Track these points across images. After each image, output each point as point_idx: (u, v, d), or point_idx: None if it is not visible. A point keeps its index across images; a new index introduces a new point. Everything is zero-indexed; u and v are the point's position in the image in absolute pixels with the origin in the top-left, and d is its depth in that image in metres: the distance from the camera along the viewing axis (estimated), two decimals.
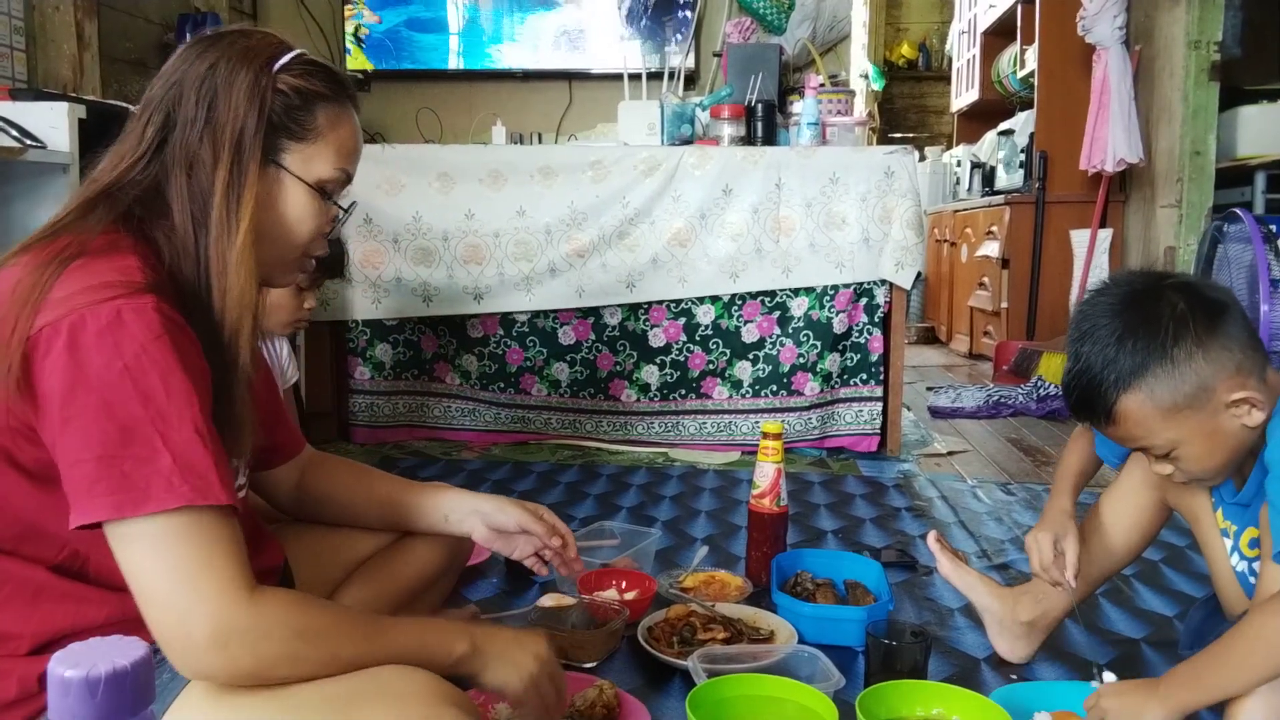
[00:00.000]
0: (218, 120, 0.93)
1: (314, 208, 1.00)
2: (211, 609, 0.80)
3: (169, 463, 0.80)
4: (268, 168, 0.96)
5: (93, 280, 0.82)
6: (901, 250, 2.66)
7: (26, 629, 0.88)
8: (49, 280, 0.82)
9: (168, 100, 0.95)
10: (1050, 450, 2.91)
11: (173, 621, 0.79)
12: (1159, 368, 1.09)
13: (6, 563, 0.89)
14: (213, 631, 0.79)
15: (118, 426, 0.79)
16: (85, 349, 0.80)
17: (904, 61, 7.63)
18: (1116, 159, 3.91)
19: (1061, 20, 4.23)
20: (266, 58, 0.96)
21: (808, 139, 2.77)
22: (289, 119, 0.96)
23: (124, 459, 0.79)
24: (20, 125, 2.20)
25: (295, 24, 4.41)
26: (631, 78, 2.97)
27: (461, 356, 2.89)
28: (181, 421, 0.81)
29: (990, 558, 1.99)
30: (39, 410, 0.82)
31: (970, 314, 5.07)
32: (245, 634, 0.80)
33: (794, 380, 2.81)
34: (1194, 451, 1.13)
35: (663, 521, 2.18)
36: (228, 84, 0.94)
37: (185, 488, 0.80)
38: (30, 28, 3.00)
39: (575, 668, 1.42)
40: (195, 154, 0.93)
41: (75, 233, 0.88)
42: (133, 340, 0.81)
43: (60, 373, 0.80)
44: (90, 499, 0.79)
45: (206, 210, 0.92)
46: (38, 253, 0.86)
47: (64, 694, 0.49)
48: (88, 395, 0.79)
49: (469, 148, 2.90)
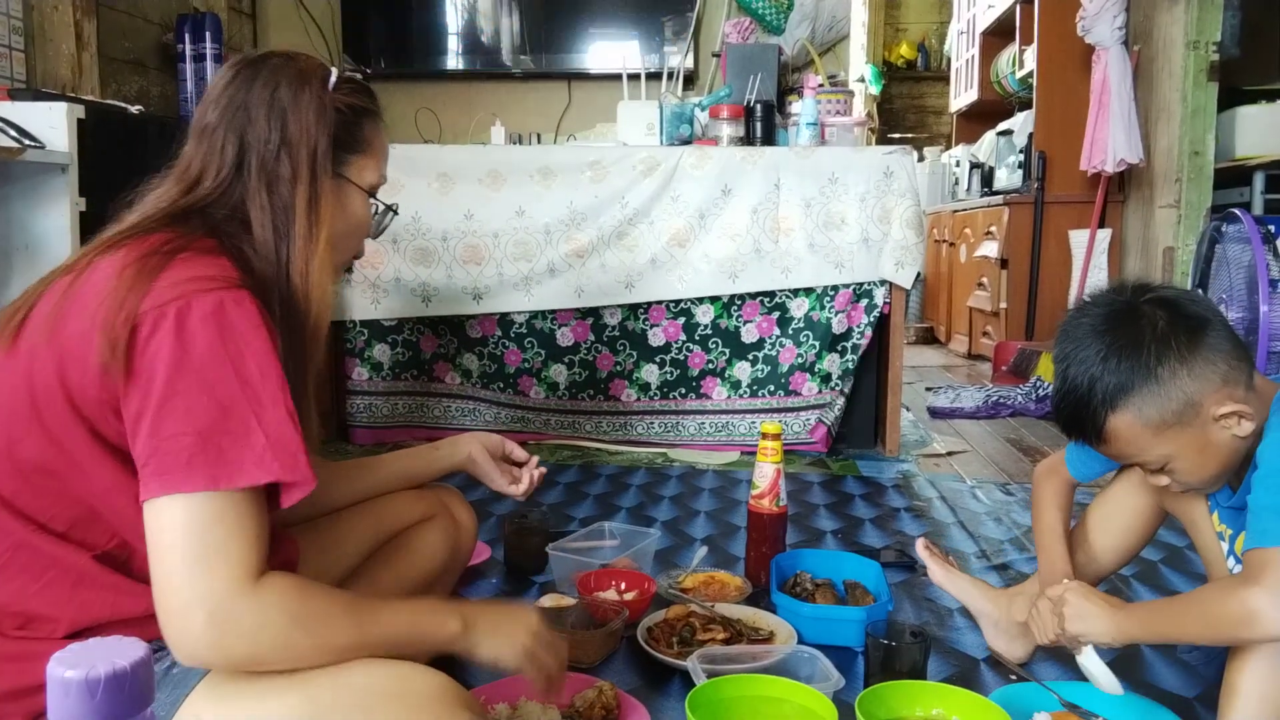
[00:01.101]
0: (291, 139, 1.02)
1: (368, 212, 1.11)
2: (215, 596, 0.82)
3: (263, 441, 0.85)
4: (336, 180, 1.05)
5: (196, 272, 0.89)
6: (902, 250, 2.66)
7: (65, 614, 0.90)
8: (156, 268, 0.88)
9: (237, 123, 1.02)
10: (1049, 450, 2.91)
11: (177, 605, 0.82)
12: (1145, 387, 1.10)
13: (56, 547, 0.90)
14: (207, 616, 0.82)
15: (217, 405, 0.85)
16: (190, 332, 0.85)
17: (903, 62, 7.64)
18: (1117, 159, 3.91)
19: (1060, 20, 4.23)
20: (320, 79, 1.05)
21: (807, 139, 2.77)
22: (346, 133, 1.06)
23: (222, 435, 0.84)
24: (19, 125, 2.20)
25: (294, 24, 4.41)
26: (630, 78, 2.97)
27: (461, 355, 2.89)
28: (275, 404, 0.87)
29: (989, 558, 1.99)
30: (132, 385, 0.85)
31: (969, 314, 5.07)
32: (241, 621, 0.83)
33: (792, 381, 2.81)
34: (1187, 465, 1.14)
35: (662, 522, 2.18)
36: (295, 105, 1.02)
37: (276, 465, 0.85)
38: (29, 28, 3.00)
39: (575, 668, 1.42)
40: (274, 171, 1.01)
41: (175, 233, 0.94)
42: (232, 327, 0.87)
43: (166, 352, 0.85)
44: (188, 471, 0.83)
45: (289, 221, 1.00)
46: (136, 245, 0.91)
47: (64, 694, 0.49)
48: (190, 374, 0.85)
49: (468, 148, 2.90)
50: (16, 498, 0.90)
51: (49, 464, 0.89)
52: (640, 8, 4.24)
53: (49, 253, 2.23)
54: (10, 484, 0.90)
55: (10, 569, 0.89)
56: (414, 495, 1.38)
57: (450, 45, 4.36)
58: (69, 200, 2.22)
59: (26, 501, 0.90)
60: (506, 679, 1.34)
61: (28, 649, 0.88)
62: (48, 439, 0.89)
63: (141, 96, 3.59)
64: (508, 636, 1.01)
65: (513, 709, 1.24)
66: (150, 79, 3.71)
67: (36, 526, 0.90)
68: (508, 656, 1.01)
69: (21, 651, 0.88)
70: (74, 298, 0.90)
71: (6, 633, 0.89)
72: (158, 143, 2.55)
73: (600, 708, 1.24)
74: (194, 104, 3.55)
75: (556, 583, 1.71)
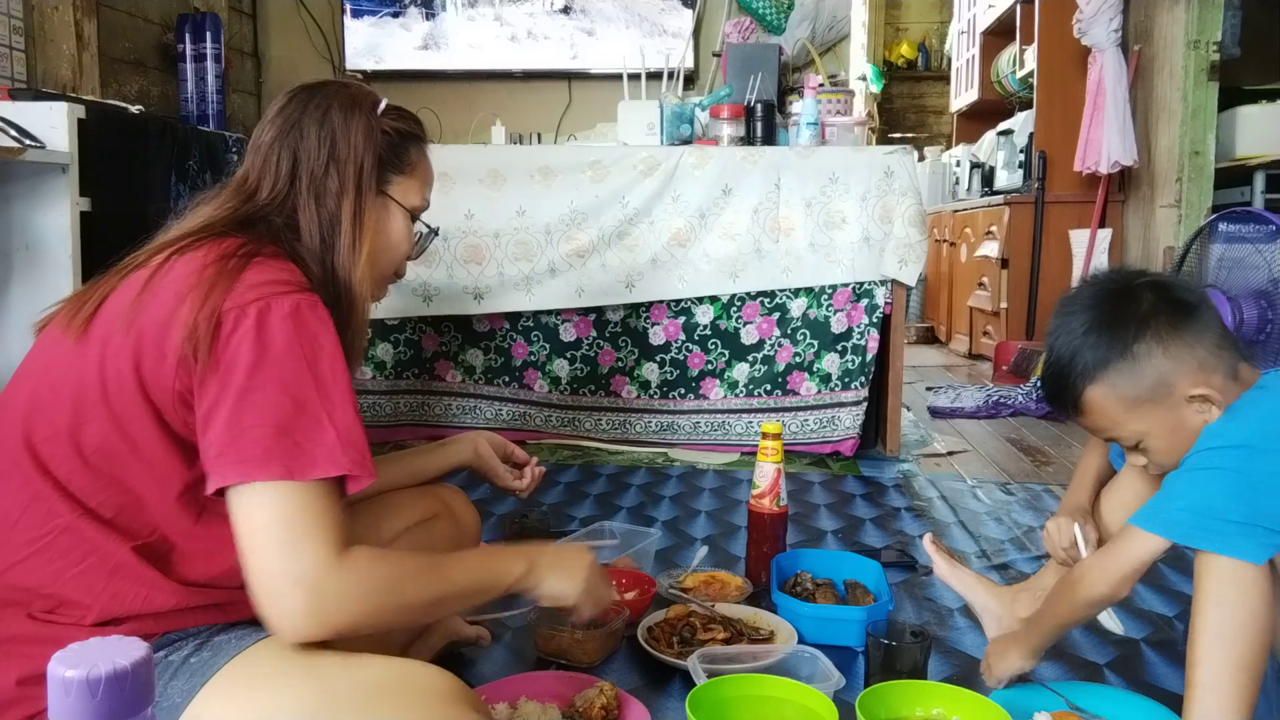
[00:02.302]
0: (340, 155, 1.09)
1: (409, 232, 1.18)
2: (310, 573, 0.88)
3: (334, 436, 0.91)
4: (379, 197, 1.13)
5: (273, 276, 0.95)
6: (905, 248, 2.66)
7: (97, 602, 0.91)
8: (236, 269, 0.94)
9: (291, 140, 1.09)
10: (1050, 450, 2.91)
11: (276, 585, 0.88)
12: (1120, 362, 1.13)
13: (100, 534, 0.92)
14: (309, 593, 0.88)
15: (293, 400, 0.91)
16: (271, 331, 0.91)
17: (903, 61, 7.63)
18: (1111, 161, 3.91)
19: (1060, 20, 4.23)
20: (371, 104, 1.13)
21: (807, 139, 2.77)
22: (392, 154, 1.14)
23: (297, 429, 0.90)
24: (19, 125, 2.20)
25: (295, 24, 4.41)
26: (631, 78, 2.97)
27: (466, 352, 2.90)
28: (344, 402, 0.94)
29: (990, 558, 1.99)
30: (211, 377, 0.90)
31: (970, 314, 5.07)
32: (341, 592, 0.90)
33: (790, 380, 2.81)
34: (1160, 445, 1.16)
35: (662, 521, 2.18)
36: (344, 125, 1.10)
37: (345, 459, 0.91)
38: (30, 28, 3.00)
39: (575, 668, 1.42)
40: (322, 184, 1.08)
41: (246, 238, 1.00)
42: (307, 328, 0.94)
43: (247, 348, 0.90)
44: (265, 461, 0.88)
45: (335, 233, 1.07)
46: (212, 246, 0.97)
47: (64, 694, 0.49)
48: (270, 371, 0.90)
49: (469, 148, 2.90)
50: (71, 480, 0.92)
51: (110, 448, 0.93)
52: (640, 7, 4.24)
53: (49, 253, 2.23)
54: (68, 465, 0.93)
55: (51, 551, 0.91)
56: (417, 494, 1.38)
57: (450, 45, 4.36)
58: (69, 200, 2.22)
59: (80, 484, 0.92)
60: (506, 679, 1.35)
61: (54, 634, 0.89)
62: (114, 424, 0.93)
63: (142, 96, 3.59)
64: (568, 571, 1.12)
65: (512, 709, 1.24)
66: (150, 79, 3.71)
67: (85, 511, 0.92)
68: (570, 590, 1.11)
69: (48, 635, 0.89)
70: (154, 292, 0.94)
71: (35, 615, 0.91)
72: (158, 143, 2.55)
73: (601, 707, 1.24)
74: (194, 104, 3.56)
75: None
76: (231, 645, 0.93)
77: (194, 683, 0.90)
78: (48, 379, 0.96)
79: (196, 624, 0.95)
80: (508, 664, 1.47)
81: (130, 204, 2.42)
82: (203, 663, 0.91)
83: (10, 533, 0.92)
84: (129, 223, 2.39)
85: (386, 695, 0.90)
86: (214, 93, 3.58)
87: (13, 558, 0.91)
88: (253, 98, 4.45)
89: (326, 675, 0.91)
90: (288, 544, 0.88)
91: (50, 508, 0.92)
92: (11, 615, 0.90)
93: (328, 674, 0.91)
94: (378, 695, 0.89)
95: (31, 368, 0.99)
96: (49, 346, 0.98)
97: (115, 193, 2.36)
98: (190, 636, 0.94)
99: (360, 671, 0.92)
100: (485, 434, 1.53)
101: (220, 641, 0.94)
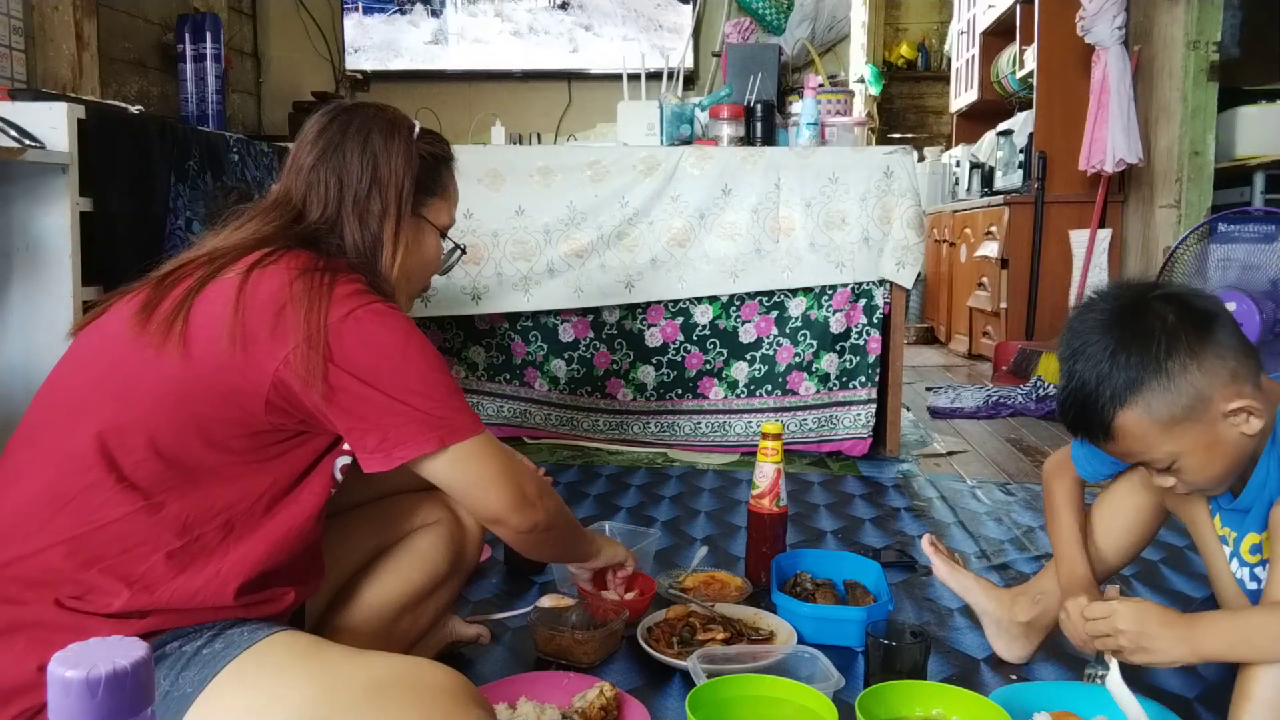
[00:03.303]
0: (382, 179, 1.15)
1: (439, 250, 1.26)
2: (529, 477, 1.15)
3: (460, 403, 1.07)
4: (415, 218, 1.19)
5: (356, 288, 1.05)
6: (902, 249, 2.66)
7: (127, 591, 0.93)
8: (329, 284, 1.03)
9: (334, 163, 1.15)
10: (1050, 450, 2.91)
11: (511, 495, 1.11)
12: (1154, 381, 1.09)
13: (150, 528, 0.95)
14: (536, 488, 1.15)
15: (425, 386, 1.04)
16: (380, 333, 1.03)
17: (903, 62, 7.63)
18: (1116, 159, 3.91)
19: (1060, 20, 4.23)
20: (408, 129, 1.20)
21: (807, 139, 2.77)
22: (427, 177, 1.21)
23: (435, 408, 1.04)
24: (19, 125, 2.19)
25: (294, 24, 4.41)
26: (631, 78, 2.97)
27: (468, 349, 2.90)
28: (451, 379, 1.08)
29: (989, 558, 1.99)
30: (333, 386, 0.99)
31: (969, 314, 5.07)
32: (546, 488, 1.19)
33: (789, 380, 2.81)
34: (1195, 463, 1.12)
35: (662, 522, 2.18)
36: (385, 150, 1.16)
37: (472, 423, 1.08)
38: (29, 28, 3.00)
39: (575, 668, 1.42)
40: (365, 207, 1.15)
41: (315, 253, 1.08)
42: (403, 325, 1.06)
43: (367, 353, 1.01)
44: (422, 435, 1.03)
45: (377, 253, 1.15)
46: (291, 260, 1.05)
47: (64, 694, 0.49)
48: (395, 366, 1.03)
49: (468, 148, 2.90)
50: (137, 471, 0.96)
51: (185, 446, 0.98)
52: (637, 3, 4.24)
53: (49, 253, 2.23)
54: (137, 456, 0.96)
55: (97, 538, 0.94)
56: (419, 499, 1.38)
57: (450, 45, 4.36)
58: (69, 200, 2.22)
59: (145, 476, 0.96)
60: (506, 679, 1.35)
61: (79, 623, 0.91)
62: (194, 424, 0.98)
63: (142, 96, 3.59)
64: (612, 544, 1.47)
65: (512, 709, 1.24)
66: (150, 79, 3.71)
67: (146, 504, 0.96)
68: (621, 553, 1.48)
69: (73, 623, 0.91)
70: (250, 308, 1.00)
71: (63, 601, 0.92)
72: (158, 143, 2.55)
73: (600, 708, 1.24)
74: (194, 104, 3.55)
75: (557, 583, 1.71)
76: (244, 638, 0.95)
77: (205, 674, 0.91)
78: (121, 375, 0.99)
79: (218, 619, 0.98)
80: (507, 664, 1.47)
81: (130, 204, 2.42)
82: (215, 654, 0.93)
83: (59, 514, 0.94)
84: (129, 223, 2.39)
85: (393, 690, 0.91)
86: (214, 93, 3.58)
87: (56, 537, 0.94)
88: (252, 98, 4.45)
89: (335, 669, 0.93)
90: (499, 478, 1.10)
91: (108, 497, 0.95)
92: (40, 598, 0.92)
93: (336, 668, 0.93)
94: (385, 690, 0.91)
95: (98, 361, 1.02)
96: (118, 344, 1.01)
97: (115, 193, 2.36)
98: (204, 629, 0.96)
99: (368, 666, 0.94)
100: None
101: (233, 634, 0.96)
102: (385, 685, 0.92)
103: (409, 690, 0.92)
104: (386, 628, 1.26)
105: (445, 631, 1.42)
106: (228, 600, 0.97)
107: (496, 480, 1.10)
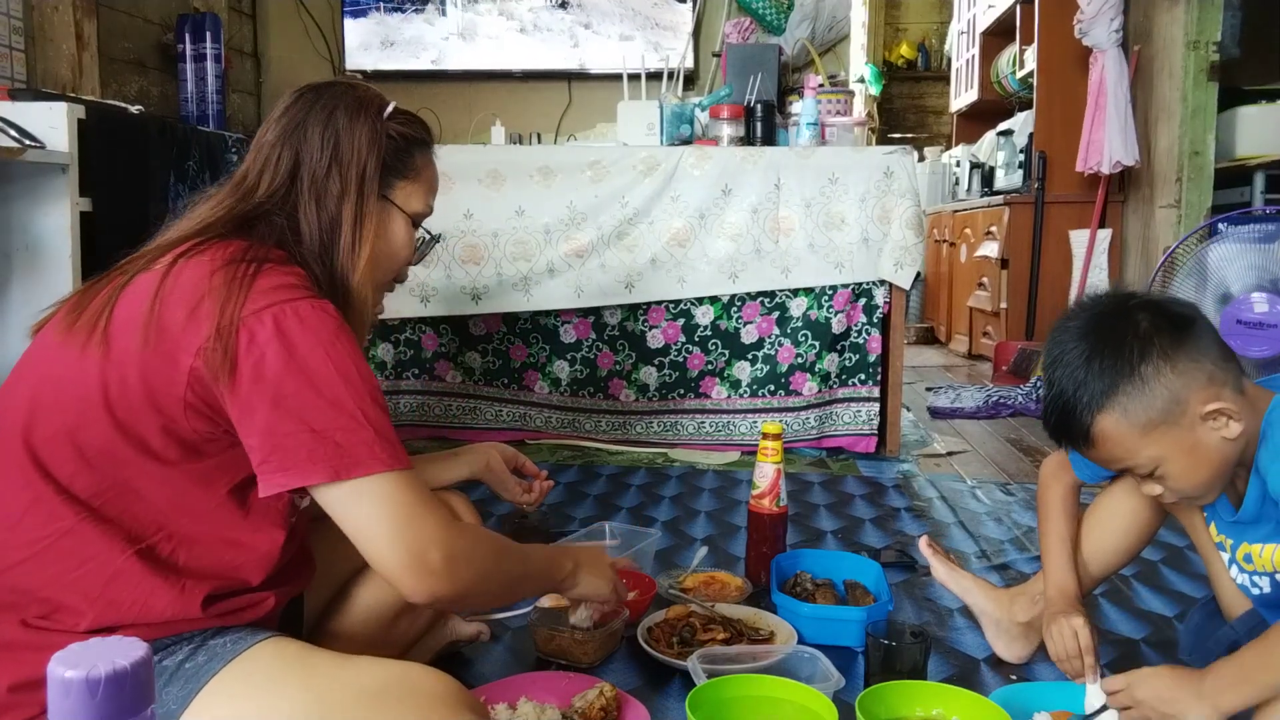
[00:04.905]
0: (343, 158, 1.07)
1: (411, 237, 1.17)
2: (440, 539, 0.94)
3: (371, 434, 0.92)
4: (381, 201, 1.11)
5: (284, 281, 0.95)
6: (901, 250, 2.66)
7: (92, 608, 0.91)
8: (248, 276, 0.94)
9: (294, 140, 1.08)
10: (1049, 450, 2.90)
11: (407, 556, 0.93)
12: (1128, 385, 1.10)
13: (100, 537, 0.91)
14: (445, 556, 0.94)
15: (327, 403, 0.91)
16: (291, 336, 0.92)
17: (903, 62, 7.63)
18: (1112, 161, 3.91)
19: (1060, 20, 4.23)
20: (377, 107, 1.11)
21: (807, 139, 2.77)
22: (396, 159, 1.12)
23: (335, 431, 0.91)
24: (19, 125, 2.20)
25: (294, 24, 4.41)
26: (631, 78, 2.97)
27: (465, 354, 2.90)
28: (374, 399, 0.94)
29: (990, 558, 1.99)
30: (239, 385, 0.90)
31: (969, 314, 5.07)
32: (466, 554, 0.97)
33: (792, 380, 2.81)
34: (1177, 469, 1.13)
35: (662, 522, 2.18)
36: (349, 128, 1.08)
37: (385, 455, 0.92)
38: (29, 28, 3.00)
39: (575, 668, 1.42)
40: (324, 186, 1.07)
41: (250, 241, 0.99)
42: (326, 330, 0.94)
43: (272, 355, 0.91)
44: (311, 464, 0.90)
45: (335, 235, 1.06)
46: (218, 250, 0.96)
47: (64, 695, 0.49)
48: (299, 375, 0.91)
49: (468, 148, 2.90)
50: (74, 482, 0.92)
51: (113, 452, 0.92)
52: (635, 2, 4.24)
53: (49, 253, 2.23)
54: (70, 468, 0.92)
55: (51, 554, 0.91)
56: None
57: (450, 45, 4.36)
58: (69, 200, 2.22)
59: (83, 486, 0.92)
60: (506, 679, 1.35)
61: (47, 640, 0.88)
62: (117, 428, 0.92)
63: (141, 96, 3.59)
64: (600, 573, 1.26)
65: (512, 709, 1.24)
66: (150, 79, 3.71)
67: (88, 513, 0.92)
68: (603, 589, 1.26)
69: (41, 642, 0.88)
70: (163, 299, 0.93)
71: (29, 621, 0.90)
72: (158, 143, 2.55)
73: (600, 708, 1.24)
74: (194, 104, 3.56)
75: None
76: (227, 650, 0.93)
77: (189, 688, 0.89)
78: (50, 381, 0.95)
79: (191, 630, 0.95)
80: (507, 664, 1.47)
81: (130, 204, 2.42)
82: (198, 668, 0.90)
83: (10, 534, 0.91)
84: (129, 223, 2.39)
85: (383, 698, 0.90)
86: (214, 93, 3.58)
87: (11, 559, 0.91)
88: (252, 98, 4.44)
89: (322, 679, 0.91)
90: (409, 520, 0.93)
91: (52, 510, 0.91)
92: (6, 620, 0.90)
93: (324, 678, 0.91)
94: (374, 699, 0.89)
95: (30, 370, 0.98)
96: (48, 349, 0.97)
97: (115, 193, 2.36)
98: (185, 640, 0.94)
99: (356, 675, 0.92)
100: (498, 446, 1.58)
101: (215, 645, 0.93)
102: (377, 693, 0.90)
103: (402, 697, 0.90)
104: (384, 630, 1.25)
105: (445, 631, 1.42)
106: (195, 613, 0.93)
107: (388, 534, 0.92)
